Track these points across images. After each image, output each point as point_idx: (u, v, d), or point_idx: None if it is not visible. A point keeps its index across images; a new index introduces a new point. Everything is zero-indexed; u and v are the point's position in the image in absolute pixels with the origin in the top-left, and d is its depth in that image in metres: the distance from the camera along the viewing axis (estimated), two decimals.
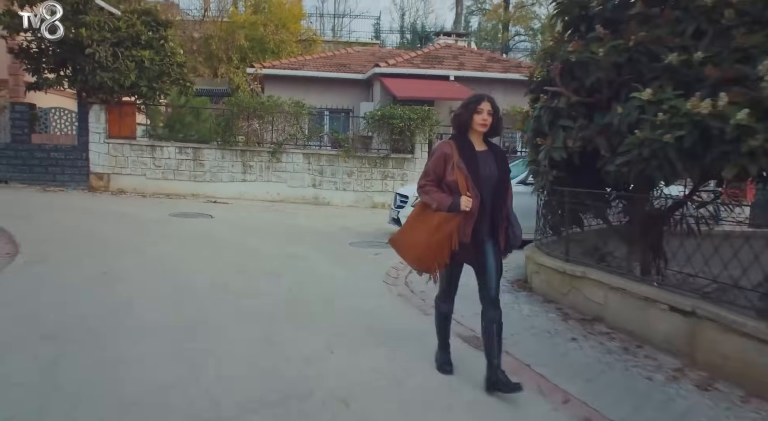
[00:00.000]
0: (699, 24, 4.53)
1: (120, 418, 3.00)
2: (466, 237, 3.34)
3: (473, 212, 3.31)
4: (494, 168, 3.42)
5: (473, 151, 3.41)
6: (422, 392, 3.54)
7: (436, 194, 3.39)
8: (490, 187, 3.38)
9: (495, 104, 3.45)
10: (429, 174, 3.47)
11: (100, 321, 4.48)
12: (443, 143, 3.54)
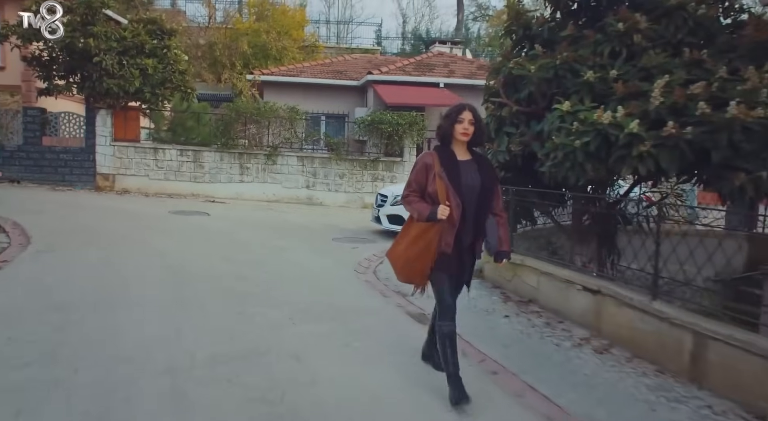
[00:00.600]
0: (614, 46, 5.29)
1: (114, 366, 3.75)
2: (447, 246, 3.30)
3: (454, 222, 3.26)
4: (477, 177, 3.36)
5: (455, 160, 3.37)
6: (364, 351, 4.29)
7: (417, 204, 3.36)
8: (474, 197, 3.34)
9: (477, 114, 3.42)
10: (411, 185, 3.44)
11: (100, 296, 5.26)
12: (425, 154, 3.49)
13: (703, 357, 3.83)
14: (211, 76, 27.70)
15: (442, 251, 3.30)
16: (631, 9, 5.51)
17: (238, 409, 3.23)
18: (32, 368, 3.62)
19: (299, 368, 3.88)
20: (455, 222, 3.27)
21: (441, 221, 3.25)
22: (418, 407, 3.41)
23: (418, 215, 3.34)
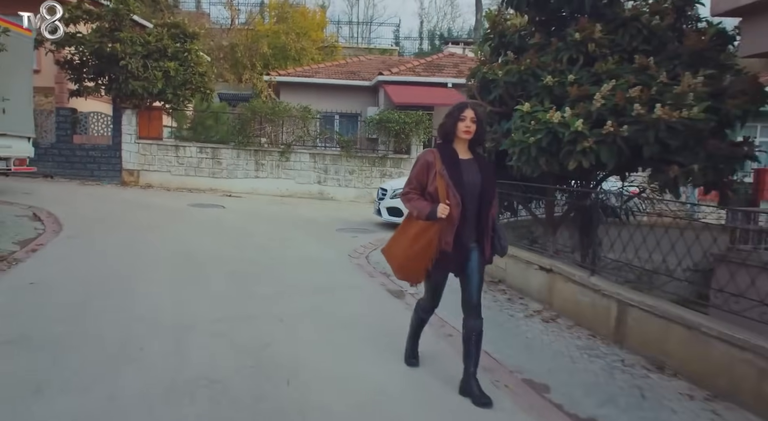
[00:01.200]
0: (572, 53, 5.93)
1: (130, 323, 4.55)
2: (447, 245, 3.30)
3: (453, 220, 3.27)
4: (478, 176, 3.37)
5: (456, 159, 3.38)
6: (341, 317, 5.02)
7: (417, 202, 3.38)
8: (474, 195, 3.34)
9: (479, 113, 3.46)
10: (412, 182, 3.46)
11: (121, 273, 6.09)
12: (427, 152, 3.51)
13: (624, 321, 4.49)
14: (232, 77, 28.73)
15: (442, 250, 3.30)
16: (594, 19, 6.15)
17: (227, 354, 3.99)
18: (66, 324, 4.43)
19: (282, 328, 4.64)
20: (455, 221, 3.27)
21: (441, 220, 3.24)
22: (378, 358, 4.12)
23: (417, 213, 3.34)
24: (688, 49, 5.64)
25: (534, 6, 6.43)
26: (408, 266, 3.42)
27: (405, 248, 3.39)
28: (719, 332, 3.63)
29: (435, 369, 3.90)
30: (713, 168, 5.31)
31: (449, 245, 3.30)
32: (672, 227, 5.19)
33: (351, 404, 3.35)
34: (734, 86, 5.40)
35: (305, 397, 3.39)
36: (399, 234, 3.50)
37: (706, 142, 5.27)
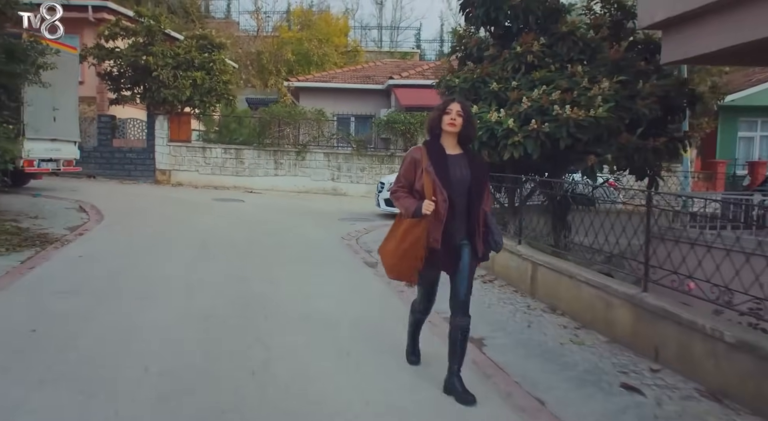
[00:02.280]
0: (515, 64, 7.12)
1: (151, 284, 5.91)
2: (435, 242, 3.23)
3: (441, 217, 3.21)
4: (467, 172, 3.31)
5: (443, 154, 3.33)
6: (321, 279, 6.33)
7: (404, 200, 3.34)
8: (463, 191, 3.28)
9: (466, 107, 3.41)
10: (400, 180, 3.42)
11: (149, 251, 7.52)
12: (414, 149, 3.47)
13: (535, 278, 5.68)
14: (259, 82, 30.41)
15: (430, 247, 3.25)
16: (539, 33, 7.33)
17: (223, 300, 5.33)
18: (105, 282, 5.84)
19: (271, 286, 5.97)
20: (442, 217, 3.21)
21: (427, 217, 3.19)
22: (345, 306, 5.41)
23: (405, 210, 3.31)
24: (610, 60, 6.77)
25: (488, 22, 7.64)
26: (398, 264, 3.35)
27: (394, 246, 3.35)
28: (586, 278, 4.81)
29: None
30: (625, 157, 6.45)
31: (437, 241, 3.23)
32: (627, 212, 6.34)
33: (299, 316, 4.65)
34: (644, 90, 6.51)
35: (278, 328, 4.70)
36: (390, 233, 3.46)
37: (619, 136, 6.41)
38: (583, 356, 4.23)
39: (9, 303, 4.96)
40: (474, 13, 7.62)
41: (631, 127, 6.63)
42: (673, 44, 6.90)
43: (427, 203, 3.19)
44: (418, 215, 3.22)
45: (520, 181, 6.65)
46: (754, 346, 3.26)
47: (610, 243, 4.98)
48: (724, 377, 3.45)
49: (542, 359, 4.15)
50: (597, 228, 5.47)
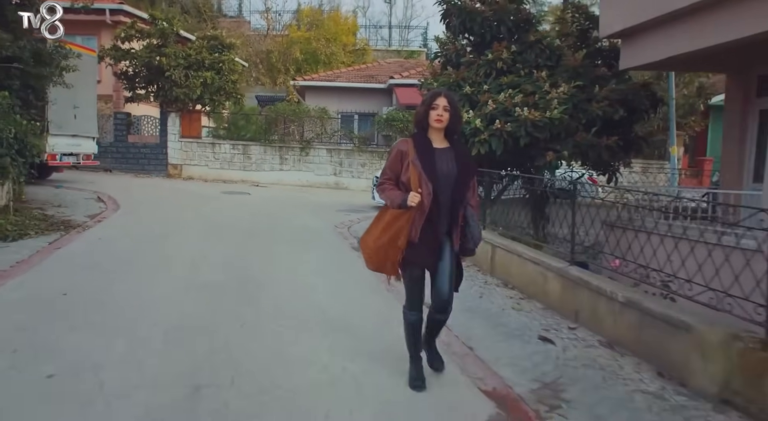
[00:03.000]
0: (487, 69, 7.93)
1: (163, 259, 6.83)
2: (415, 235, 3.22)
3: (425, 209, 3.20)
4: (453, 166, 3.29)
5: (430, 148, 3.31)
6: (309, 255, 7.20)
7: (390, 192, 3.32)
8: (448, 185, 3.26)
9: (453, 101, 3.36)
10: (386, 172, 3.40)
11: (161, 235, 8.43)
12: (401, 141, 3.46)
13: (494, 258, 6.51)
14: (268, 80, 31.35)
15: (411, 240, 3.23)
16: (512, 41, 8.15)
17: (224, 271, 6.22)
18: (122, 260, 6.76)
19: (265, 263, 6.86)
20: (425, 210, 3.20)
21: (412, 209, 3.19)
22: (325, 278, 6.28)
23: (390, 202, 3.29)
24: (570, 67, 7.57)
25: (465, 31, 8.46)
26: (377, 255, 3.35)
27: (375, 237, 3.35)
28: (530, 257, 5.64)
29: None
30: (580, 154, 7.26)
31: (417, 235, 3.22)
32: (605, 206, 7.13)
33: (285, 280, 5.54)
34: (599, 94, 7.31)
35: (267, 293, 5.59)
36: (373, 224, 3.46)
37: (575, 135, 7.22)
38: (518, 318, 5.07)
39: (42, 274, 5.89)
40: (453, 23, 8.44)
41: (588, 126, 7.43)
42: (630, 52, 7.72)
43: (412, 195, 3.17)
44: (403, 206, 3.21)
45: (498, 176, 7.48)
46: (638, 303, 4.08)
47: (564, 231, 5.80)
48: (618, 329, 4.29)
49: (483, 321, 5.00)
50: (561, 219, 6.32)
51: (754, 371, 3.15)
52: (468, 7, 8.24)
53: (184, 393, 3.27)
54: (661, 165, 18.28)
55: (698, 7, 6.21)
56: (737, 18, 5.82)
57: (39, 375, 3.42)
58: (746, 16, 5.72)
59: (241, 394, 3.30)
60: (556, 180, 8.96)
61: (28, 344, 3.92)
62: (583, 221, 5.48)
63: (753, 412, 3.16)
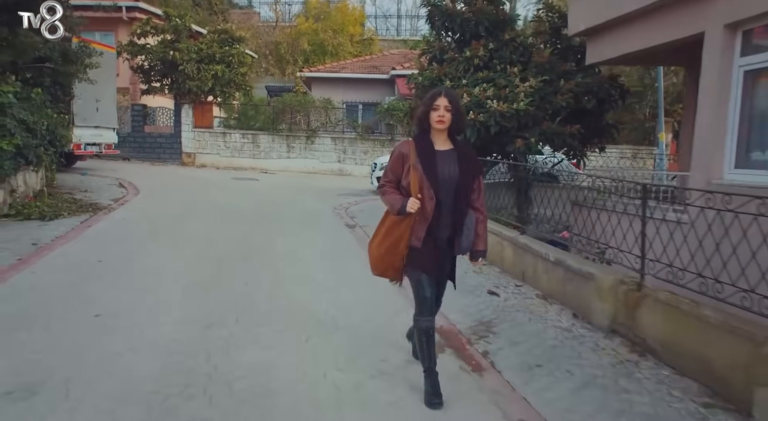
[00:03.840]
0: (465, 65, 8.84)
1: (180, 236, 7.88)
2: (418, 241, 3.14)
3: (427, 215, 3.11)
4: (456, 168, 3.17)
5: (432, 150, 3.20)
6: (307, 233, 8.22)
7: (390, 196, 3.22)
8: (451, 189, 3.15)
9: (454, 99, 3.24)
10: (387, 174, 3.30)
11: (177, 216, 9.50)
12: (403, 143, 3.34)
13: None
14: (277, 71, 32.33)
15: (412, 246, 3.16)
16: (490, 40, 9.04)
17: (232, 247, 7.26)
18: (143, 237, 7.83)
19: (268, 238, 7.89)
20: (428, 216, 3.11)
21: (411, 215, 3.10)
22: (320, 249, 7.30)
23: (390, 207, 3.21)
24: (537, 62, 8.47)
25: (448, 31, 9.37)
26: (381, 261, 3.29)
27: (378, 243, 3.30)
28: (491, 228, 6.61)
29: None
30: (546, 140, 8.18)
31: (420, 240, 3.14)
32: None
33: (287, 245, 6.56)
34: (563, 87, 8.21)
35: (268, 260, 6.62)
36: (377, 228, 3.37)
37: (542, 124, 8.13)
38: (476, 279, 6.05)
39: (80, 246, 6.98)
40: (436, 23, 9.34)
41: (554, 116, 8.32)
42: (594, 49, 8.58)
43: (412, 201, 3.07)
44: (402, 212, 3.11)
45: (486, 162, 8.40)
46: (563, 262, 5.05)
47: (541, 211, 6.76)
48: (551, 284, 5.26)
49: None
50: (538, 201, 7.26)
51: (632, 306, 4.12)
52: (449, 9, 9.12)
53: (200, 327, 4.31)
54: (650, 151, 19.02)
55: (643, 11, 7.07)
56: (673, 22, 6.70)
57: (89, 315, 4.48)
58: (680, 21, 6.59)
59: (242, 328, 4.34)
60: (539, 167, 9.85)
61: (77, 296, 4.98)
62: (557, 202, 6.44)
63: (630, 337, 4.13)
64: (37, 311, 4.52)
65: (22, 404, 3.05)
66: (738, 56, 5.94)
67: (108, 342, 3.95)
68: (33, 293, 4.98)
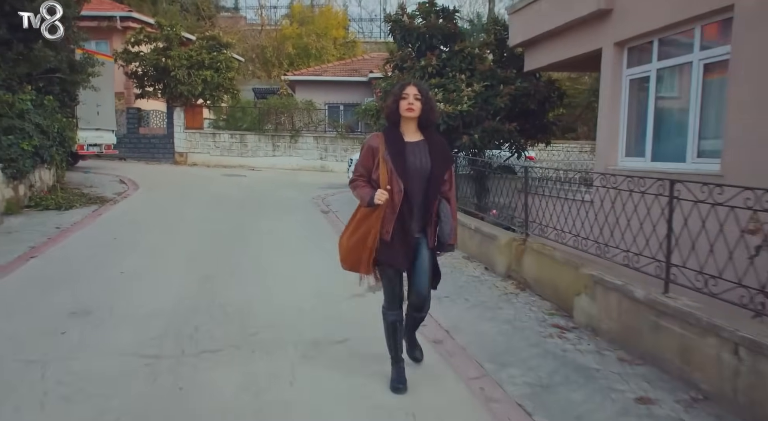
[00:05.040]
0: (421, 73, 10.32)
1: (176, 220, 9.31)
2: (386, 234, 3.11)
3: (395, 207, 3.09)
4: (427, 160, 3.16)
5: (401, 142, 3.19)
6: (286, 218, 9.69)
7: (361, 189, 3.19)
8: (421, 181, 3.14)
9: (424, 90, 3.25)
10: (358, 169, 3.29)
11: (174, 207, 10.93)
12: (372, 136, 3.32)
13: None
14: (263, 74, 33.69)
15: (382, 239, 3.13)
16: (443, 51, 10.54)
17: (225, 227, 8.71)
18: (145, 223, 9.26)
19: (254, 220, 9.35)
20: (396, 208, 3.11)
21: (380, 207, 3.09)
22: (296, 229, 8.77)
23: (360, 200, 3.20)
24: (482, 71, 9.99)
25: (407, 43, 10.87)
26: (351, 255, 3.27)
27: (347, 236, 3.29)
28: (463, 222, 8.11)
29: None
30: (488, 137, 9.69)
31: (388, 233, 3.12)
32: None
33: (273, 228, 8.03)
34: (502, 91, 9.73)
35: (254, 235, 8.08)
36: (348, 223, 3.37)
37: (484, 123, 9.65)
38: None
39: (95, 229, 8.40)
40: (397, 37, 10.84)
41: (496, 116, 9.83)
42: (531, 57, 10.12)
43: (380, 193, 3.07)
44: (371, 204, 3.11)
45: None
46: (479, 229, 6.56)
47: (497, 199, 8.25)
48: (473, 247, 6.77)
49: None
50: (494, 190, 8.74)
51: (519, 256, 5.63)
52: (407, 24, 10.63)
53: (201, 278, 5.77)
54: None
55: (560, 30, 8.60)
56: (581, 39, 8.23)
57: (116, 272, 5.92)
58: (586, 39, 8.12)
59: (234, 278, 5.81)
60: (494, 161, 11.31)
61: (102, 261, 6.44)
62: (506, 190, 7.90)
63: (518, 278, 5.65)
64: (76, 270, 5.98)
65: (82, 318, 4.50)
66: (625, 68, 7.52)
67: (134, 286, 5.41)
68: (68, 261, 6.43)
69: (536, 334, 4.38)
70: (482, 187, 10.92)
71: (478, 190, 10.90)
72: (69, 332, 4.18)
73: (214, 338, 4.11)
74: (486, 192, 11.01)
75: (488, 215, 7.79)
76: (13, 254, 6.54)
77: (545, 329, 4.49)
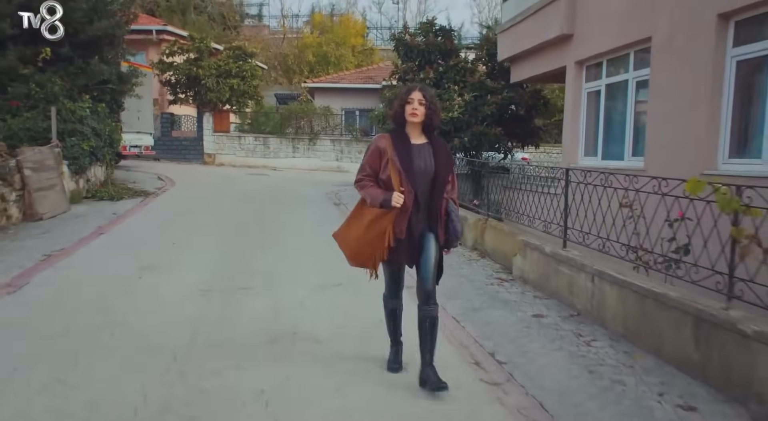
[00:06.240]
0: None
1: (209, 211, 11.02)
2: (401, 233, 3.25)
3: (406, 208, 3.22)
4: (431, 162, 3.30)
5: (408, 144, 3.32)
6: (302, 210, 11.35)
7: (370, 189, 3.32)
8: (427, 182, 3.28)
9: (429, 95, 3.39)
10: (365, 169, 3.41)
11: (207, 199, 12.66)
12: (379, 137, 3.45)
13: None
14: (285, 80, 35.58)
15: (396, 238, 3.25)
16: (440, 64, 12.14)
17: (249, 218, 10.39)
18: (182, 211, 10.99)
19: (275, 212, 11.03)
20: (408, 209, 3.21)
21: (395, 209, 3.19)
22: (310, 219, 10.42)
23: (371, 200, 3.29)
24: (473, 82, 11.56)
25: (409, 57, 12.48)
26: (362, 253, 3.37)
27: (359, 235, 3.35)
28: None
29: None
30: (477, 140, 11.25)
31: (403, 233, 3.24)
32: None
33: (282, 219, 9.68)
34: (489, 101, 11.29)
35: (275, 224, 9.76)
36: (352, 220, 3.45)
37: (473, 127, 11.21)
38: None
39: (145, 215, 10.16)
40: (400, 53, 12.47)
41: (484, 122, 11.37)
42: (516, 70, 11.67)
43: (397, 195, 3.18)
44: (386, 206, 3.19)
45: None
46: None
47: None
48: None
49: None
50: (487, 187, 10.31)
51: (482, 232, 7.19)
52: (409, 42, 12.26)
53: (235, 250, 7.43)
54: None
55: (534, 49, 10.15)
56: (551, 57, 9.76)
57: (168, 243, 7.62)
58: (556, 57, 9.65)
59: (260, 250, 7.45)
60: (490, 161, 12.81)
61: (156, 236, 8.17)
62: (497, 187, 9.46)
63: (480, 249, 7.21)
64: (138, 242, 7.70)
65: (151, 271, 6.17)
66: (584, 82, 9.04)
67: (184, 252, 7.11)
68: (129, 236, 8.16)
69: (482, 284, 5.95)
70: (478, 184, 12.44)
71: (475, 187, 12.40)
72: (144, 277, 5.87)
73: (246, 283, 5.75)
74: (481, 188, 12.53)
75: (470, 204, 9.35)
76: (87, 230, 8.29)
77: (490, 280, 6.06)
